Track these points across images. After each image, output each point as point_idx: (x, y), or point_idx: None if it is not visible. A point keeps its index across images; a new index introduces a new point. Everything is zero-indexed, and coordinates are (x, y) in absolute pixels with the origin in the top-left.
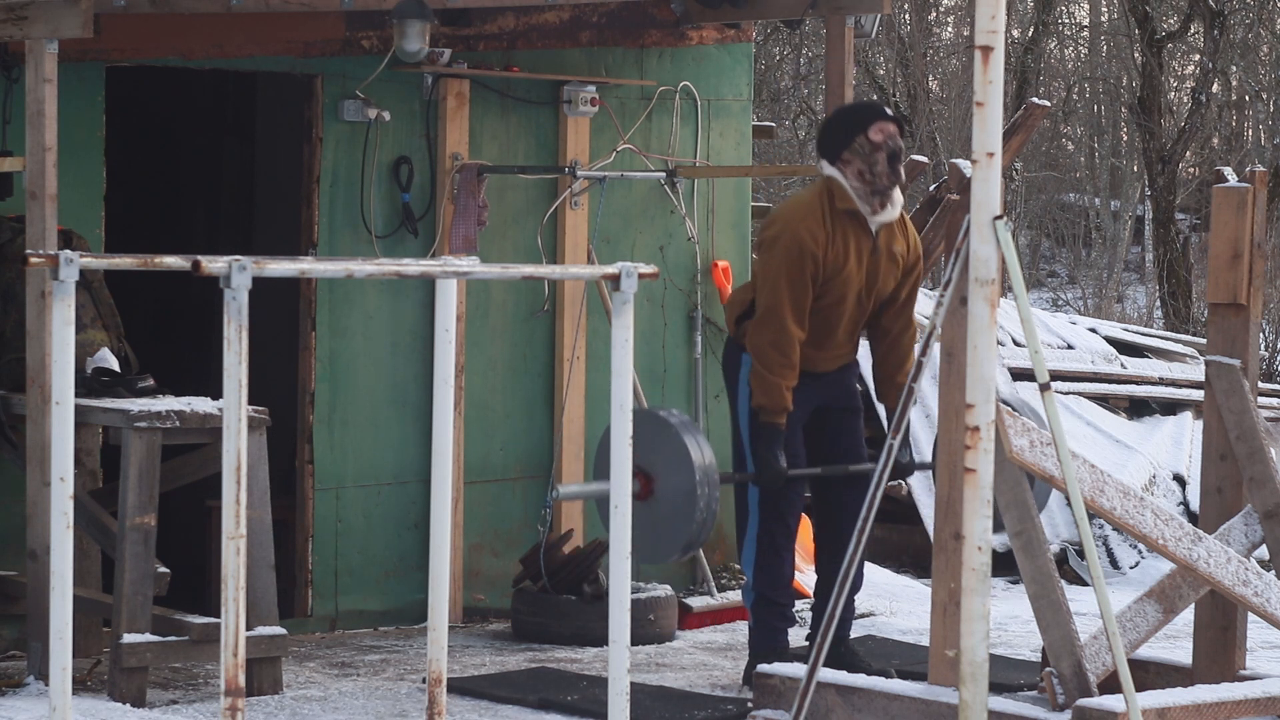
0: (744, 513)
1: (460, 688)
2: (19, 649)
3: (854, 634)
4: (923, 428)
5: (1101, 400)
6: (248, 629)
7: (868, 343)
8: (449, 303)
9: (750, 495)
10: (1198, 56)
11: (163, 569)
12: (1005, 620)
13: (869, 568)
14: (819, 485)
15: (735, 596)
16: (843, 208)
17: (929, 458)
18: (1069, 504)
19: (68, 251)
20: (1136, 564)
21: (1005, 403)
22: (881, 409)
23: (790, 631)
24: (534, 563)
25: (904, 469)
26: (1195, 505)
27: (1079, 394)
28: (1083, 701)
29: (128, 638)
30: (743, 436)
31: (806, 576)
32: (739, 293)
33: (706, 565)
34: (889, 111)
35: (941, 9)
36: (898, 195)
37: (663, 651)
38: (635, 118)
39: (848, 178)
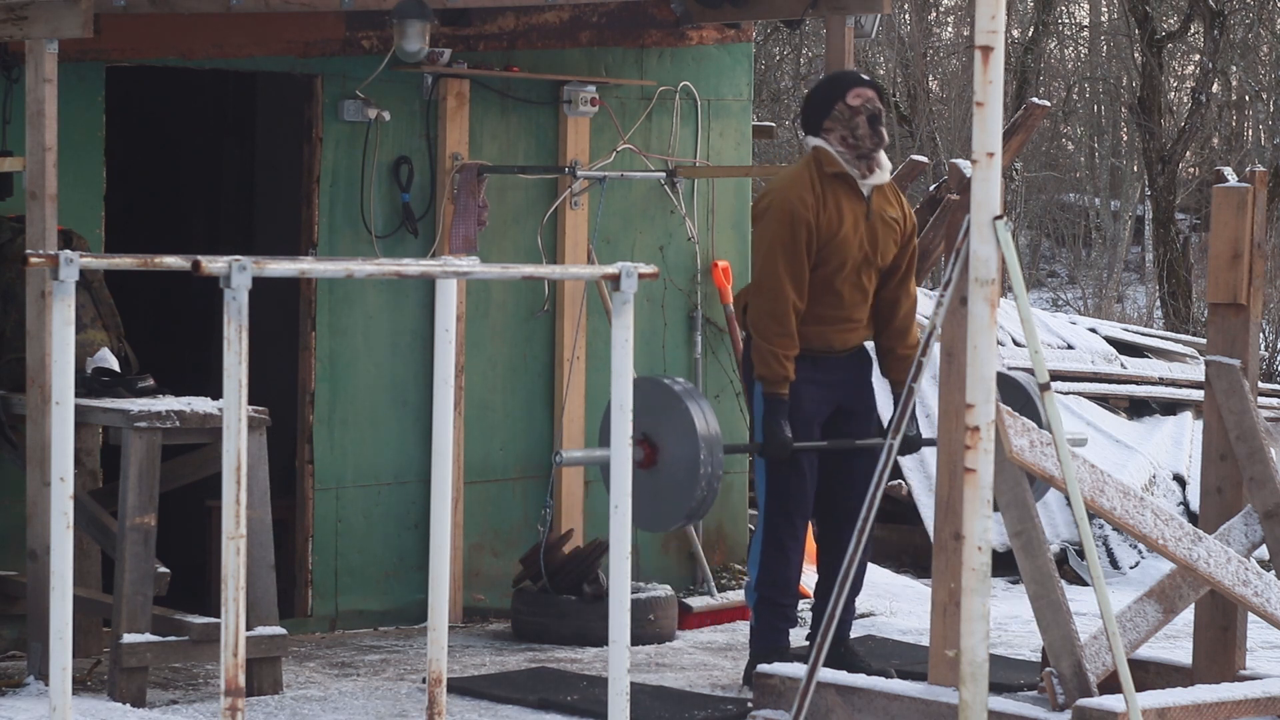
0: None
1: (460, 688)
2: (19, 649)
3: (854, 634)
4: (924, 426)
5: (1101, 400)
6: (248, 629)
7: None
8: (449, 303)
9: (760, 492)
10: (1198, 56)
11: (163, 569)
12: (1005, 620)
13: (870, 568)
14: (821, 486)
15: (735, 596)
16: (831, 171)
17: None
18: (1069, 504)
19: (68, 251)
20: (1136, 564)
21: (1005, 376)
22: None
23: (790, 631)
24: (534, 563)
25: (911, 443)
26: (1195, 505)
27: (1079, 394)
28: (1083, 701)
29: (128, 638)
30: (758, 437)
31: (807, 577)
32: (747, 291)
33: (706, 565)
34: (865, 77)
35: (941, 9)
36: (884, 159)
37: (663, 651)
38: (635, 118)
39: (832, 144)
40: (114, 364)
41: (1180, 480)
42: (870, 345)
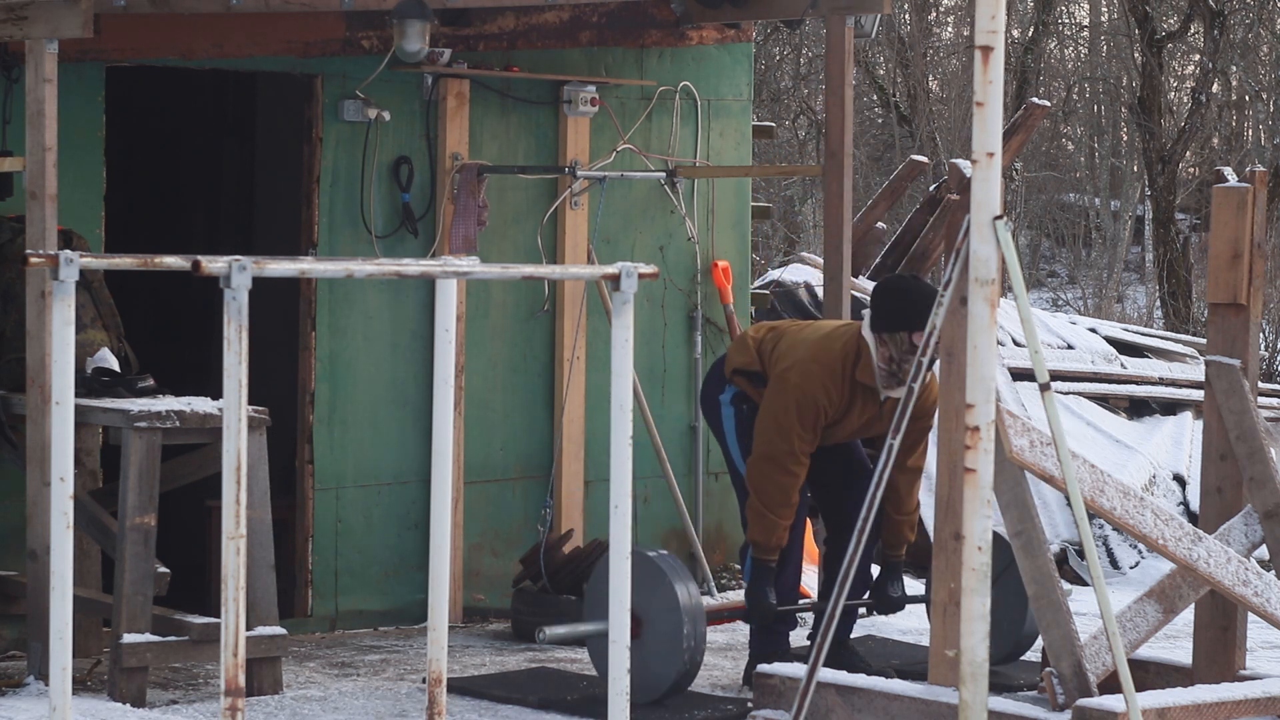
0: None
1: (460, 688)
2: (19, 649)
3: (854, 634)
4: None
5: (1101, 400)
6: (248, 629)
7: None
8: (449, 303)
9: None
10: (1198, 56)
11: (163, 569)
12: None
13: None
14: (823, 490)
15: (735, 596)
16: (861, 380)
17: (921, 590)
18: (1069, 504)
19: (68, 251)
20: (1136, 564)
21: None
22: None
23: (790, 632)
24: (534, 563)
25: (895, 603)
26: (1195, 505)
27: (1079, 394)
28: (1083, 701)
29: (128, 638)
30: (732, 453)
31: (808, 577)
32: (749, 347)
33: (706, 565)
34: None
35: (941, 9)
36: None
37: None
38: (635, 118)
39: (877, 354)
40: (114, 364)
41: (1180, 480)
42: None
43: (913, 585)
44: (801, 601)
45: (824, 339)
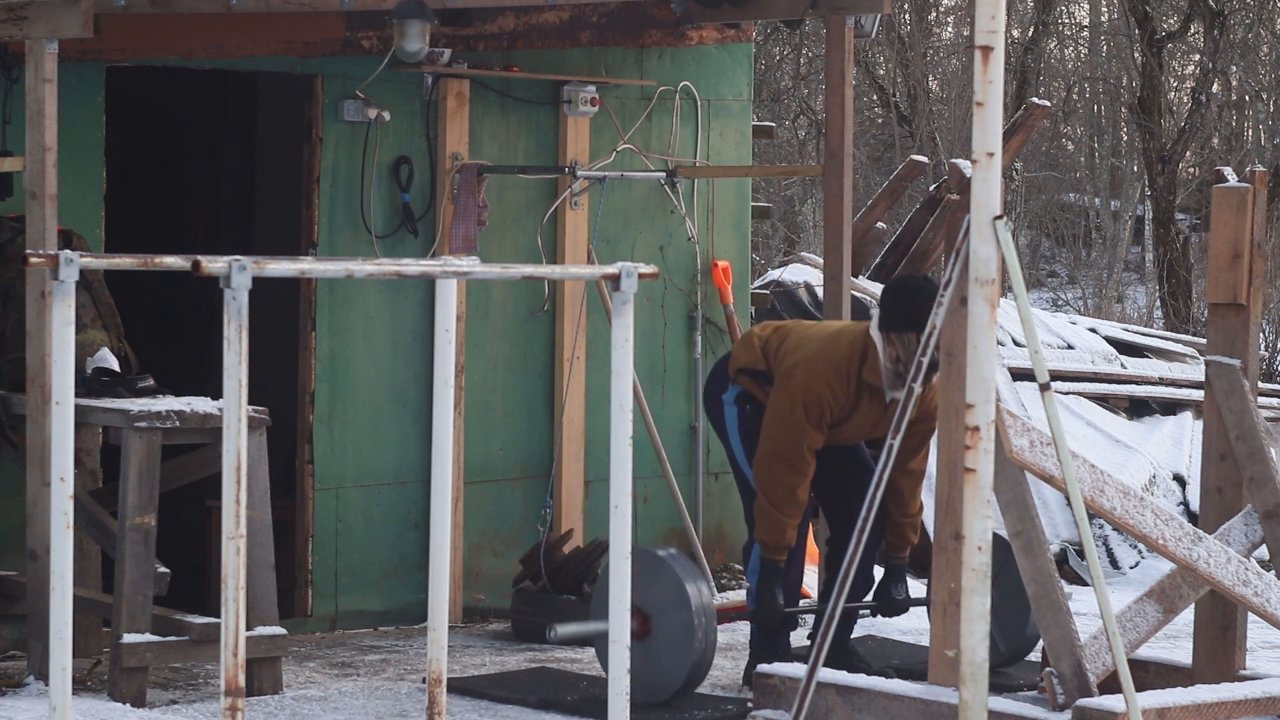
0: (750, 519)
1: (460, 688)
2: (19, 649)
3: (854, 634)
4: None
5: (1101, 400)
6: (248, 629)
7: None
8: (449, 303)
9: (746, 495)
10: (1198, 56)
11: (163, 569)
12: None
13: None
14: (825, 490)
15: (735, 597)
16: (868, 379)
17: (924, 592)
18: (1069, 504)
19: (68, 251)
20: (1136, 564)
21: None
22: None
23: (790, 632)
24: (534, 563)
25: (899, 605)
26: (1195, 505)
27: (1079, 394)
28: (1083, 701)
29: (128, 638)
30: (736, 452)
31: (809, 577)
32: (754, 346)
33: (706, 565)
34: None
35: (941, 9)
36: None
37: None
38: (635, 118)
39: (884, 354)
40: (114, 364)
41: (1180, 480)
42: None
43: (915, 589)
44: (804, 603)
45: (830, 338)
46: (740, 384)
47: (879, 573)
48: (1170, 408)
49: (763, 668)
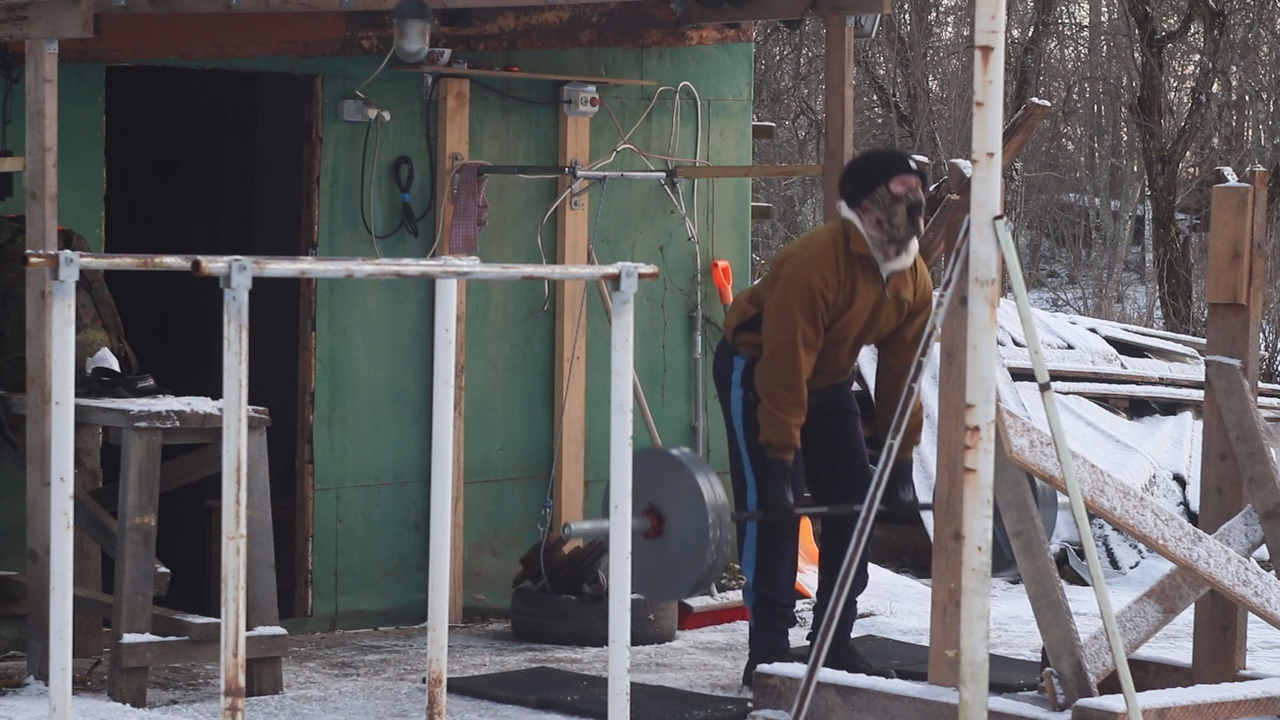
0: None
1: (460, 688)
2: (19, 649)
3: (854, 634)
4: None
5: (1101, 400)
6: (248, 629)
7: (874, 375)
8: (449, 303)
9: (748, 496)
10: (1198, 56)
11: (163, 569)
12: (1005, 620)
13: (870, 568)
14: (821, 488)
15: (735, 596)
16: (857, 252)
17: (929, 499)
18: (1069, 504)
19: (68, 251)
20: (1136, 564)
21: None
22: None
23: (790, 631)
24: (534, 563)
25: (907, 508)
26: (1195, 505)
27: (1079, 394)
28: (1083, 701)
29: (128, 638)
30: (737, 437)
31: (807, 577)
32: (742, 302)
33: None
34: (913, 164)
35: (941, 9)
36: (913, 244)
37: (663, 651)
38: (635, 118)
39: (865, 224)
40: (114, 364)
41: (1180, 480)
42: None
43: (921, 493)
44: (818, 510)
45: (811, 235)
46: (742, 350)
47: (874, 570)
48: (1170, 408)
49: (763, 668)
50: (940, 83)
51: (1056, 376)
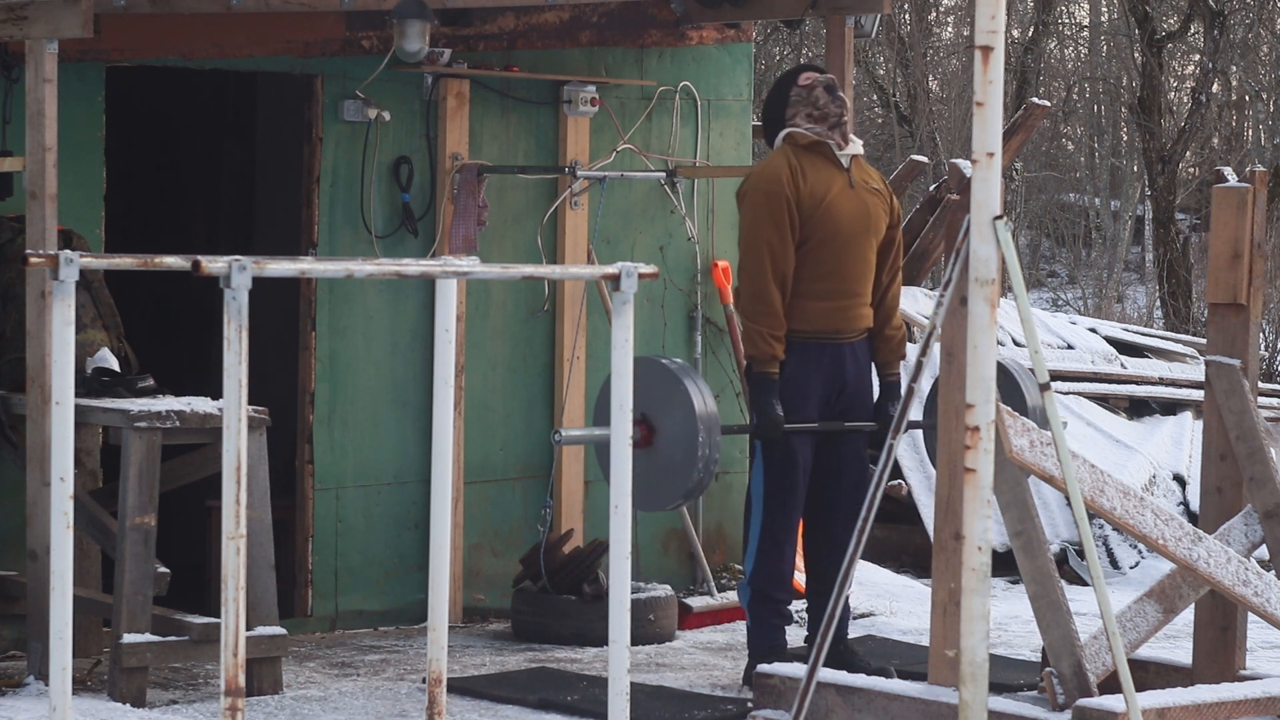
0: (749, 507)
1: (460, 688)
2: (19, 649)
3: (854, 634)
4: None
5: (1101, 400)
6: (248, 629)
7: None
8: (449, 303)
9: (755, 489)
10: (1198, 56)
11: (163, 569)
12: (1005, 620)
13: (870, 568)
14: (814, 485)
15: (735, 596)
16: (805, 143)
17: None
18: (1069, 504)
19: (68, 251)
20: (1136, 564)
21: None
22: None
23: (790, 630)
24: (534, 563)
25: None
26: (1195, 505)
27: (1079, 394)
28: (1083, 701)
29: (128, 638)
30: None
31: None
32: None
33: (706, 565)
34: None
35: (941, 9)
36: (855, 139)
37: (663, 651)
38: (635, 118)
39: (805, 125)
40: (114, 364)
41: (1180, 480)
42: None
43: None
44: (809, 425)
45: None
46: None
47: (874, 570)
48: (1170, 408)
49: (763, 668)
50: (940, 83)
51: (1056, 376)
